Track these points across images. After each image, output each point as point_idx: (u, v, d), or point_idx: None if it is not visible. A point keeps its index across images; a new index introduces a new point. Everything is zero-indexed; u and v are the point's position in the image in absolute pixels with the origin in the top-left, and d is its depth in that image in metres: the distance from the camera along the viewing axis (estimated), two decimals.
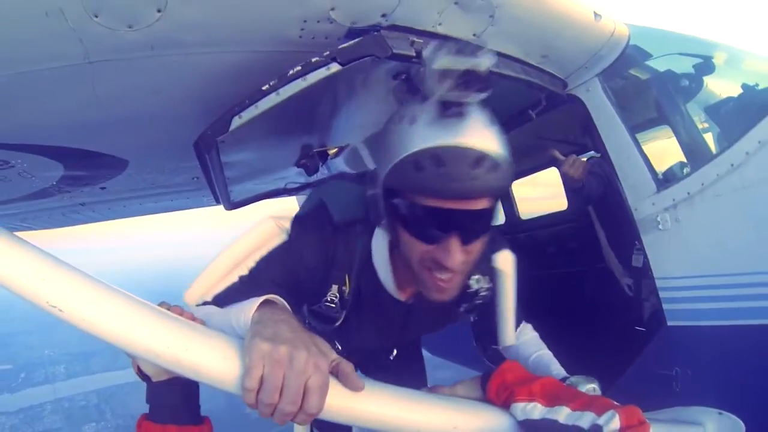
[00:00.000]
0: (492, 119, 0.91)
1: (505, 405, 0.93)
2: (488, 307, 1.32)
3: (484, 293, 1.24)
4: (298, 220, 1.13)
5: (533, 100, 1.99)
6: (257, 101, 1.40)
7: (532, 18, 1.42)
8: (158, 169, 2.13)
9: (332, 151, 1.84)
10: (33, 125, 1.48)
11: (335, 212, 1.13)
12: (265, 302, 0.83)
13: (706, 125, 2.13)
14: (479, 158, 0.84)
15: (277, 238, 1.10)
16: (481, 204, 0.89)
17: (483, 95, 0.84)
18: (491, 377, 0.96)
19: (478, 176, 0.83)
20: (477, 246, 0.95)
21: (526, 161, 3.11)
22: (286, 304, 0.87)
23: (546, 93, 1.89)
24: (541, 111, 2.04)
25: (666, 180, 1.77)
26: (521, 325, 1.42)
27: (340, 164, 2.15)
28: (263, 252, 1.08)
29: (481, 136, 0.86)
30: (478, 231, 0.93)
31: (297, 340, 0.71)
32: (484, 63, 0.80)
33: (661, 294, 1.76)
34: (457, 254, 0.90)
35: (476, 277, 1.20)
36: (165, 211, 3.40)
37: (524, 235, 3.45)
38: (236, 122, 1.41)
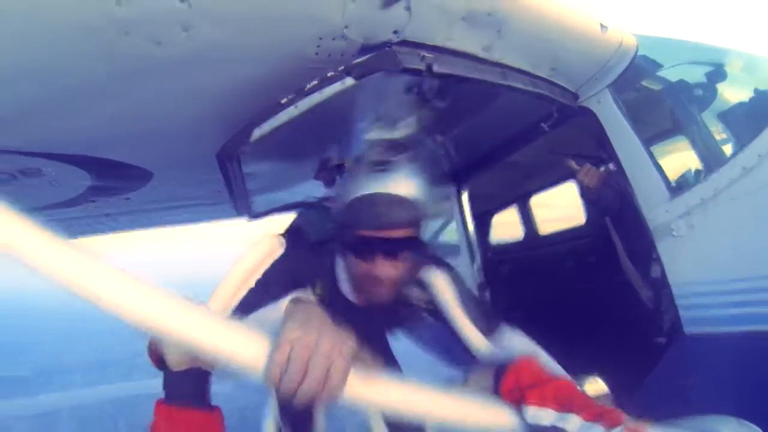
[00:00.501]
0: (413, 168, 1.19)
1: (516, 404, 0.94)
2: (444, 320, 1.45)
3: (419, 302, 1.45)
4: (289, 237, 1.33)
5: (545, 113, 2.03)
6: (276, 114, 1.47)
7: (539, 31, 1.48)
8: (182, 181, 2.22)
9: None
10: (63, 135, 1.57)
11: (310, 234, 1.42)
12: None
13: (720, 134, 2.12)
14: (396, 201, 1.14)
15: (279, 251, 1.27)
16: (400, 233, 1.17)
17: (402, 157, 1.15)
18: (505, 374, 0.97)
19: (394, 214, 1.15)
20: (401, 264, 1.23)
21: (543, 175, 3.12)
22: (311, 298, 1.00)
23: (557, 105, 1.92)
24: (554, 124, 2.06)
25: (679, 187, 1.77)
26: (503, 331, 1.43)
27: None
28: (268, 263, 1.24)
29: (398, 184, 1.16)
30: (399, 252, 1.21)
31: (325, 328, 0.80)
32: (402, 134, 1.19)
33: (678, 302, 1.75)
34: (384, 268, 1.20)
35: (412, 288, 1.41)
36: (186, 223, 3.50)
37: (543, 251, 3.43)
38: (257, 134, 1.48)
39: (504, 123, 2.24)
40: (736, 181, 1.58)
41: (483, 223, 3.35)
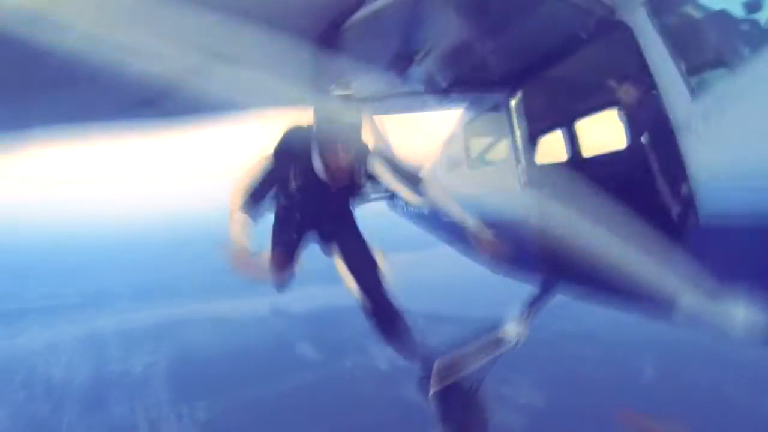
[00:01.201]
0: (358, 107, 2.12)
1: None
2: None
3: (366, 177, 2.41)
4: (284, 143, 2.32)
5: (583, 26, 2.23)
6: (364, 7, 1.84)
7: None
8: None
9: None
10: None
11: (294, 139, 2.30)
12: None
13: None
14: (349, 122, 2.10)
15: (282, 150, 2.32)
16: (352, 137, 2.14)
17: (354, 101, 2.13)
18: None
19: (348, 129, 2.11)
20: (351, 153, 2.19)
21: (585, 101, 3.26)
22: None
23: (595, 19, 2.12)
24: (592, 36, 2.26)
25: (700, 89, 1.96)
26: (425, 185, 2.39)
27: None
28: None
29: (347, 113, 2.06)
30: (347, 151, 2.16)
31: None
32: (348, 91, 2.09)
33: (696, 194, 1.93)
34: (341, 155, 2.15)
35: (362, 173, 2.36)
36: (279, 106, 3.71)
37: (588, 167, 3.41)
38: (353, 18, 1.85)
39: (547, 33, 2.44)
40: (752, 87, 1.73)
41: (531, 135, 3.48)
